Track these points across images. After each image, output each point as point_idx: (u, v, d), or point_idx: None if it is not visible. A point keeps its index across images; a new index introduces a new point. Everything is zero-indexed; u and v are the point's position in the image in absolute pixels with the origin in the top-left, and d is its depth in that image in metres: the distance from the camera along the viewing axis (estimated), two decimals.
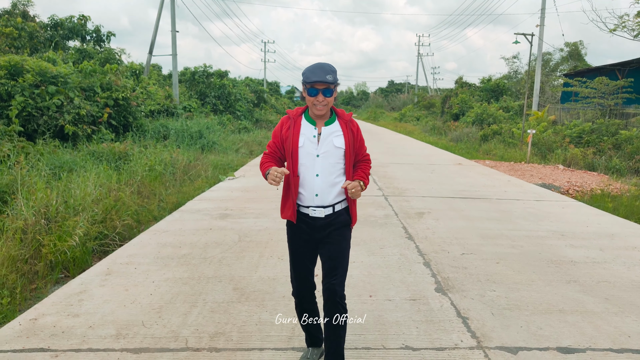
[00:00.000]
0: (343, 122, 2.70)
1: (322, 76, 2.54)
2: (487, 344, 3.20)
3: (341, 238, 2.72)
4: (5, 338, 3.28)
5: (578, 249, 5.40)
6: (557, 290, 4.17)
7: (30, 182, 6.87)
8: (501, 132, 20.31)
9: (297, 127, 2.67)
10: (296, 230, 2.75)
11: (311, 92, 2.59)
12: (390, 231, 6.01)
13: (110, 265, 4.77)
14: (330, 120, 2.70)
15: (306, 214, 2.69)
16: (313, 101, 2.60)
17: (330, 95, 2.60)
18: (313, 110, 2.64)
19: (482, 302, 3.89)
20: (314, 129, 2.66)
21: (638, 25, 16.08)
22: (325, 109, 2.62)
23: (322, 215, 2.66)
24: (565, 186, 10.22)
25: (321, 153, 2.63)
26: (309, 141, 2.64)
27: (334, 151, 2.64)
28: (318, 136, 2.64)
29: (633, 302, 3.95)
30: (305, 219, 2.69)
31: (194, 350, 3.11)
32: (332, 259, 2.69)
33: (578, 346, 3.20)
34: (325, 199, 2.65)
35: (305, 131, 2.66)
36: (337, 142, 2.64)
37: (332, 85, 2.58)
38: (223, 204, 7.52)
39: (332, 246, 2.69)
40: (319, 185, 2.63)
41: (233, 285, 4.22)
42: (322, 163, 2.63)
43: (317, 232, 2.70)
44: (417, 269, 4.63)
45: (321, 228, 2.68)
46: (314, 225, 2.68)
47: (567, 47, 41.12)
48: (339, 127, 2.69)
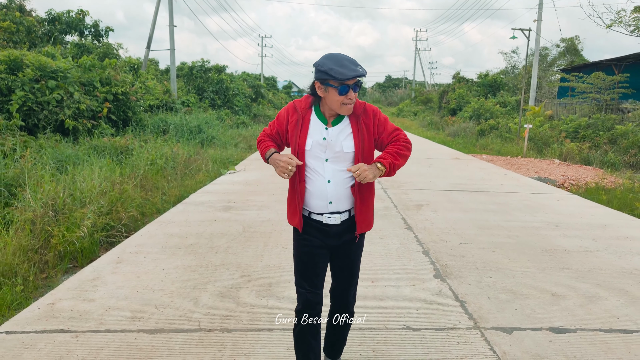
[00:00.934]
0: (354, 118, 2.34)
1: (356, 70, 2.18)
2: (483, 324, 3.39)
3: (357, 248, 2.50)
4: (26, 320, 3.45)
5: (571, 239, 5.59)
6: (551, 276, 4.36)
7: (38, 175, 7.01)
8: (498, 127, 20.50)
9: (306, 126, 2.35)
10: (307, 236, 2.43)
11: (343, 90, 2.20)
12: (390, 222, 6.18)
13: (120, 254, 4.93)
14: (341, 116, 2.36)
15: (319, 221, 2.40)
16: (343, 100, 2.23)
17: (358, 90, 2.28)
18: (340, 110, 2.29)
19: (478, 287, 4.07)
20: (325, 129, 2.34)
21: (634, 21, 16.27)
22: (352, 107, 2.31)
23: (338, 222, 2.38)
24: (560, 179, 10.42)
25: (330, 157, 2.33)
26: (317, 144, 2.33)
27: (343, 155, 2.33)
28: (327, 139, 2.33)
29: (622, 287, 4.14)
30: (319, 225, 2.40)
31: (206, 330, 3.28)
32: (346, 271, 2.51)
33: (569, 327, 3.39)
34: (340, 206, 2.37)
35: (314, 131, 2.35)
36: (346, 146, 2.32)
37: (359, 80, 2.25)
38: (226, 197, 7.68)
39: (347, 257, 2.49)
40: (332, 192, 2.34)
41: (240, 272, 4.39)
42: (332, 168, 2.34)
43: (331, 238, 2.42)
44: (417, 257, 4.81)
45: (336, 235, 2.41)
46: (329, 232, 2.41)
47: (563, 43, 41.38)
48: (349, 125, 2.34)
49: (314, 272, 2.44)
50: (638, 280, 4.34)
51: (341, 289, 2.56)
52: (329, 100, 2.26)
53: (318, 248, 2.42)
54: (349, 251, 2.48)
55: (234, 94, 26.56)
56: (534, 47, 27.07)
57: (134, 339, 3.18)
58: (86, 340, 3.16)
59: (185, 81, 26.13)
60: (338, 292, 2.58)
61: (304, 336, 2.48)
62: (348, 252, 2.48)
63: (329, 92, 2.24)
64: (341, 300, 2.58)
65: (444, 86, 42.42)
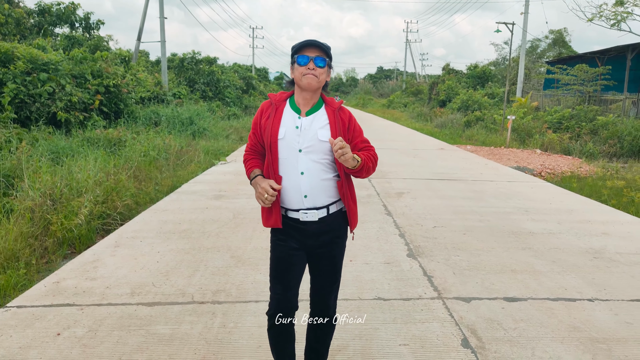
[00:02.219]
0: (331, 109, 2.31)
1: (313, 41, 2.21)
2: (445, 295, 3.81)
3: (338, 250, 2.38)
4: (34, 297, 3.81)
5: (538, 223, 6.03)
6: (513, 255, 4.79)
7: (36, 166, 7.33)
8: (484, 118, 20.95)
9: (279, 115, 2.28)
10: (284, 238, 2.32)
11: (301, 60, 2.19)
12: (372, 208, 6.59)
13: (117, 239, 5.29)
14: (316, 107, 2.30)
15: (296, 219, 2.27)
16: (303, 71, 2.19)
17: (324, 66, 2.22)
18: (301, 83, 2.22)
19: (446, 264, 4.49)
20: (298, 117, 2.26)
21: (614, 15, 16.72)
22: (316, 83, 2.22)
23: (316, 218, 2.26)
24: (538, 169, 10.88)
25: (304, 147, 2.22)
26: (290, 132, 2.24)
27: (318, 145, 2.22)
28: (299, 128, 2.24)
29: (575, 264, 4.58)
30: (296, 224, 2.28)
31: (199, 303, 3.67)
32: (327, 273, 2.38)
33: (521, 296, 3.82)
34: (316, 200, 2.25)
35: (287, 120, 2.26)
36: (321, 134, 2.23)
37: (326, 54, 2.25)
38: (217, 186, 8.04)
39: (327, 259, 2.35)
40: (305, 185, 2.23)
41: (230, 254, 4.78)
42: (306, 159, 2.23)
43: (309, 238, 2.30)
44: (393, 239, 5.23)
45: (314, 234, 2.29)
46: (306, 231, 2.28)
47: (551, 35, 41.90)
48: (326, 115, 2.28)
49: (289, 275, 2.32)
50: (591, 257, 4.78)
51: (321, 293, 2.41)
52: (296, 76, 2.24)
53: (295, 250, 2.31)
54: (329, 252, 2.34)
55: (225, 86, 26.79)
56: (521, 40, 27.52)
57: (133, 310, 3.56)
58: (91, 312, 3.53)
59: (176, 73, 26.30)
60: (318, 297, 2.43)
61: (277, 340, 2.42)
62: (328, 253, 2.34)
63: (295, 69, 2.24)
64: (321, 305, 2.43)
65: (434, 77, 42.87)
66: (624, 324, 3.45)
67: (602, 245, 5.20)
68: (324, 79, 2.27)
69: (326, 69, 2.26)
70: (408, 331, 3.26)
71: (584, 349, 3.10)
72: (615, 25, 16.79)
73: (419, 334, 3.22)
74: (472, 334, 3.24)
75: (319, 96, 2.34)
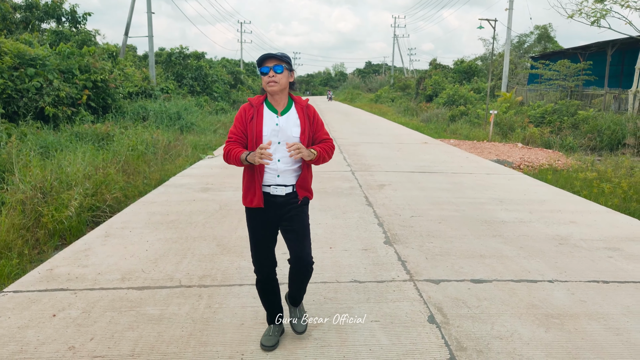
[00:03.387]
0: (300, 107, 2.90)
1: (269, 54, 2.77)
2: (417, 277, 4.09)
3: (303, 214, 2.94)
4: (29, 283, 4.03)
5: (511, 212, 6.34)
6: (483, 242, 5.09)
7: (26, 160, 7.49)
8: (468, 112, 21.30)
9: (260, 116, 2.84)
10: (257, 212, 2.89)
11: (263, 70, 2.78)
12: (353, 200, 6.86)
13: (107, 229, 5.50)
14: (288, 106, 2.88)
15: (267, 193, 2.85)
16: (267, 80, 2.77)
17: (281, 72, 2.76)
18: (267, 89, 2.79)
19: (420, 250, 4.78)
20: (276, 117, 2.85)
21: (593, 12, 17.11)
22: (277, 86, 2.77)
23: (283, 193, 2.84)
24: (517, 161, 11.23)
25: (282, 141, 2.82)
26: (271, 130, 2.81)
27: (291, 140, 2.81)
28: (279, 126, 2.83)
29: (541, 249, 4.89)
30: (267, 197, 2.85)
31: (186, 287, 3.92)
32: (298, 232, 2.89)
33: (487, 278, 4.11)
34: (286, 180, 2.85)
35: (268, 120, 2.83)
36: (294, 132, 2.83)
37: (282, 61, 2.76)
38: (204, 179, 8.26)
39: (296, 222, 2.89)
40: (281, 168, 2.83)
41: (216, 242, 5.02)
42: (281, 149, 2.81)
43: (277, 209, 2.87)
44: (372, 228, 5.50)
45: (281, 205, 2.86)
46: (275, 202, 2.85)
47: (537, 30, 42.45)
48: (296, 115, 2.88)
49: (263, 243, 2.94)
50: (556, 244, 5.10)
51: (297, 248, 2.90)
52: (263, 85, 2.82)
53: (267, 220, 2.89)
54: (296, 216, 2.90)
55: (213, 81, 26.87)
56: (506, 36, 27.91)
57: (124, 293, 3.79)
58: (84, 296, 3.76)
59: (164, 68, 26.33)
60: (294, 257, 2.93)
61: (264, 293, 3.08)
62: (295, 217, 2.90)
63: (261, 79, 2.82)
64: (301, 258, 2.91)
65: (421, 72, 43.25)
66: (579, 302, 3.76)
67: (569, 233, 5.52)
68: (285, 82, 2.82)
69: (286, 73, 2.81)
70: (380, 309, 3.53)
71: (539, 323, 3.40)
72: (595, 22, 17.16)
73: (389, 312, 3.50)
74: (438, 311, 3.53)
75: (288, 96, 2.93)
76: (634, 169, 9.67)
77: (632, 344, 3.19)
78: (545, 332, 3.28)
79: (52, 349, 3.00)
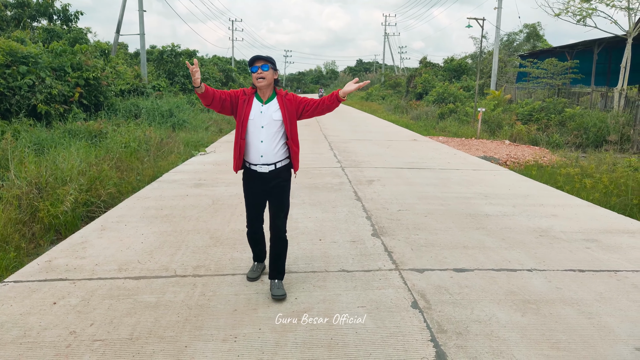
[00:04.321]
0: (280, 97, 3.58)
1: (258, 56, 3.47)
2: (402, 267, 4.29)
3: (283, 190, 3.65)
4: (29, 273, 4.17)
5: (495, 206, 6.56)
6: (467, 234, 5.30)
7: (21, 156, 7.59)
8: (457, 110, 21.56)
9: (250, 103, 3.55)
10: (248, 182, 3.70)
11: (253, 69, 3.47)
12: (343, 195, 7.05)
13: (103, 223, 5.65)
14: (271, 97, 3.58)
15: (255, 170, 3.60)
16: (256, 76, 3.47)
17: (267, 70, 3.46)
18: (256, 84, 3.50)
19: (406, 242, 4.97)
20: (261, 105, 3.55)
21: (579, 11, 17.42)
22: (265, 81, 3.47)
23: (267, 170, 3.57)
24: (504, 158, 11.48)
25: (265, 125, 3.50)
26: (256, 115, 3.51)
27: (273, 123, 3.51)
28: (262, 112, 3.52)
29: (522, 241, 5.11)
30: (255, 173, 3.61)
31: (181, 276, 4.08)
32: (276, 206, 3.66)
33: (469, 267, 4.32)
34: (268, 159, 3.54)
35: (255, 107, 3.54)
36: (275, 115, 3.52)
37: (268, 62, 3.45)
38: (197, 175, 8.41)
39: (276, 196, 3.64)
40: (263, 149, 3.52)
41: (209, 235, 5.18)
42: (265, 132, 3.50)
43: (264, 183, 3.61)
44: (360, 221, 5.69)
45: (267, 180, 3.60)
46: (261, 177, 3.60)
47: (526, 29, 42.89)
48: (277, 103, 3.57)
49: (254, 204, 3.78)
50: (537, 236, 5.32)
51: (274, 218, 3.68)
52: (253, 81, 3.52)
53: (256, 189, 3.67)
54: (276, 193, 3.65)
55: (204, 78, 26.92)
56: (495, 35, 28.23)
57: (122, 283, 3.95)
58: (82, 285, 3.91)
59: (155, 66, 26.34)
60: (272, 221, 3.69)
61: (252, 241, 3.99)
62: (277, 191, 3.65)
63: (251, 76, 3.50)
64: (275, 227, 3.67)
65: (412, 70, 43.54)
66: (555, 288, 3.98)
67: (549, 225, 5.75)
68: (270, 78, 3.52)
69: (271, 71, 3.51)
70: (366, 296, 3.72)
71: (516, 308, 3.61)
72: (581, 20, 17.48)
73: (375, 298, 3.69)
74: (422, 297, 3.73)
75: (272, 90, 3.62)
76: (616, 164, 9.95)
77: (602, 326, 3.40)
78: (522, 316, 3.49)
79: (54, 333, 3.16)
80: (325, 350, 2.99)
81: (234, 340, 3.09)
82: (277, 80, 3.60)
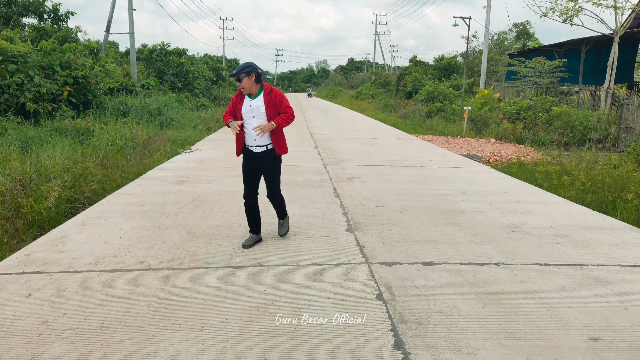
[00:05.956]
0: (265, 93, 4.53)
1: (236, 71, 4.42)
2: (372, 261, 4.41)
3: (273, 167, 4.70)
4: (7, 266, 4.25)
5: (471, 203, 6.70)
6: (440, 229, 5.43)
7: (6, 154, 7.65)
8: (444, 109, 21.72)
9: (242, 101, 4.57)
10: (246, 159, 4.70)
11: (236, 81, 4.50)
12: (322, 191, 7.16)
13: (83, 218, 5.73)
14: (258, 93, 4.56)
15: (251, 150, 4.62)
16: (239, 86, 4.48)
17: (242, 81, 4.43)
18: (242, 92, 4.55)
19: (379, 237, 5.10)
20: (250, 100, 4.54)
21: (566, 10, 17.61)
22: (245, 90, 4.49)
23: (259, 151, 4.61)
24: (487, 156, 11.64)
25: (255, 115, 4.53)
26: (247, 109, 4.53)
27: (260, 115, 4.52)
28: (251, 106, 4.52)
29: (493, 236, 5.24)
30: (250, 152, 4.63)
31: (155, 269, 4.18)
32: (269, 178, 4.74)
33: (437, 261, 4.44)
34: (260, 142, 4.58)
35: (246, 103, 4.54)
36: (261, 109, 4.52)
37: (243, 73, 4.38)
38: (180, 173, 8.49)
39: (268, 172, 4.71)
40: (255, 134, 4.51)
41: (187, 230, 5.28)
42: (256, 121, 4.52)
43: (258, 161, 4.64)
44: (336, 217, 5.81)
45: (260, 158, 4.63)
46: (255, 156, 4.63)
47: (515, 28, 43.19)
48: (262, 98, 4.54)
49: (249, 177, 4.71)
50: (509, 231, 5.45)
51: (269, 188, 4.77)
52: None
53: (251, 165, 4.67)
54: (268, 168, 4.69)
55: (194, 77, 26.94)
56: (484, 34, 28.42)
57: (97, 276, 4.04)
58: (58, 278, 4.00)
59: (145, 64, 26.32)
60: (269, 190, 4.78)
61: (248, 210, 4.80)
62: (267, 169, 4.69)
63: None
64: (271, 194, 4.80)
65: (402, 69, 43.68)
66: (519, 281, 4.11)
67: (523, 221, 5.88)
68: (248, 83, 4.43)
69: (246, 79, 4.41)
70: (333, 288, 3.84)
71: (478, 300, 3.73)
72: (568, 19, 17.68)
73: (342, 290, 3.81)
74: (387, 289, 3.85)
75: (259, 87, 4.55)
76: (597, 162, 10.13)
77: (560, 317, 3.53)
78: (483, 308, 3.62)
79: (27, 323, 3.25)
80: (288, 339, 3.11)
81: (200, 330, 3.19)
82: (259, 76, 4.48)
